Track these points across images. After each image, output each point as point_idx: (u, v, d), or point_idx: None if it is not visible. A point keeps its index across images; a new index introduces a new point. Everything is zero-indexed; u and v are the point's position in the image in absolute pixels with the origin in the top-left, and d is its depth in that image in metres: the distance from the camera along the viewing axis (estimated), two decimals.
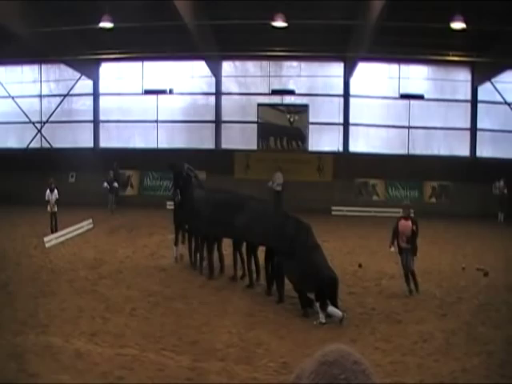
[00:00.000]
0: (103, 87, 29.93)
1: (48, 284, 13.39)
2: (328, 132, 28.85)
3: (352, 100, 28.52)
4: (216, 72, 28.50)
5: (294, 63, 28.68)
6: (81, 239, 19.41)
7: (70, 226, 20.07)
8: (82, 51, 26.43)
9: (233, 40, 26.08)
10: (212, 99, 29.38)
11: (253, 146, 28.95)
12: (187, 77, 29.21)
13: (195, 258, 15.32)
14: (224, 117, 29.32)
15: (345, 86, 28.35)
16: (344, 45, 25.33)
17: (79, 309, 11.45)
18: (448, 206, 27.23)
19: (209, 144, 29.26)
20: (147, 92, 29.20)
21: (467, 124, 28.27)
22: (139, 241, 19.26)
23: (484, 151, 28.21)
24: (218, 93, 29.15)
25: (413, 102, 28.20)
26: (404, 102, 28.29)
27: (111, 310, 11.47)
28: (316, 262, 11.53)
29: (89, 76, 29.30)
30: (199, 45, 25.16)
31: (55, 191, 19.89)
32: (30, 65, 29.84)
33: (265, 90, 28.90)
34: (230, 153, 28.64)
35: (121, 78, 29.73)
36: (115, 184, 26.11)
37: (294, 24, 22.59)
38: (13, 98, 30.33)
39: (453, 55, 25.65)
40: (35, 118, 30.40)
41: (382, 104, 28.43)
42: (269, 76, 28.92)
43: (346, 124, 28.56)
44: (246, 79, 29.26)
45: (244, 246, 14.15)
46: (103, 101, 30.08)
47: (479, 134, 28.22)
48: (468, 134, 28.29)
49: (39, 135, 30.49)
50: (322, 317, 10.97)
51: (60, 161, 27.72)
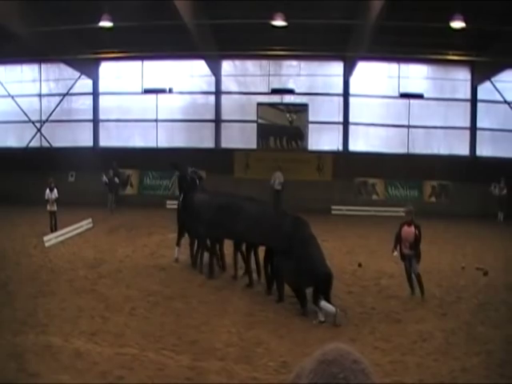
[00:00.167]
0: (103, 86, 29.91)
1: (48, 283, 13.39)
2: (328, 131, 28.83)
3: (352, 99, 28.52)
4: (216, 71, 28.49)
5: (294, 62, 28.66)
6: (80, 239, 19.41)
7: (70, 226, 20.07)
8: (82, 50, 26.42)
9: (232, 39, 26.06)
10: (212, 98, 29.37)
11: (252, 146, 28.94)
12: (187, 76, 29.20)
13: (196, 258, 15.35)
14: (224, 116, 29.31)
15: (344, 86, 28.34)
16: (344, 44, 25.31)
17: (79, 308, 11.46)
18: (448, 206, 27.24)
19: (208, 143, 29.25)
20: (147, 91, 29.16)
21: (467, 123, 28.26)
22: (139, 240, 19.26)
23: (484, 150, 28.20)
24: (218, 92, 29.14)
25: (412, 102, 28.19)
26: (404, 102, 28.27)
27: (111, 310, 11.48)
28: (312, 258, 11.50)
29: (88, 75, 29.28)
30: (199, 44, 25.13)
31: (55, 190, 19.89)
32: (30, 64, 29.80)
33: (264, 90, 28.88)
34: (230, 152, 28.63)
35: (120, 78, 29.70)
36: (116, 179, 26.13)
37: (294, 23, 22.57)
38: (12, 98, 30.31)
39: (452, 54, 25.64)
40: (35, 118, 30.38)
41: (382, 103, 28.42)
42: (268, 75, 28.90)
43: (346, 123, 28.55)
44: (246, 78, 29.24)
45: (244, 246, 14.18)
46: (103, 100, 30.06)
47: (479, 134, 28.21)
48: (468, 134, 28.29)
49: (39, 134, 30.47)
50: (321, 315, 10.97)
51: (60, 160, 27.70)
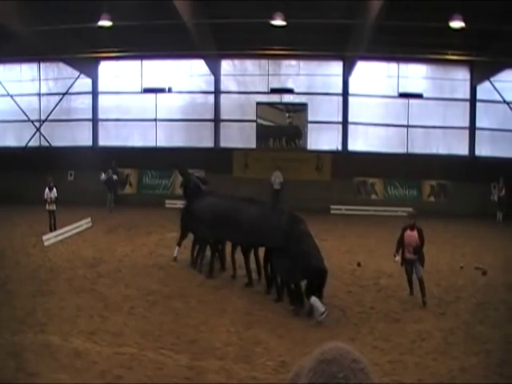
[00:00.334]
0: (102, 86, 29.89)
1: (47, 283, 13.39)
2: (327, 131, 28.81)
3: (351, 99, 28.51)
4: (215, 71, 28.48)
5: (293, 62, 28.65)
6: (79, 238, 19.40)
7: (69, 225, 20.05)
8: (81, 50, 26.38)
9: (232, 39, 26.04)
10: (211, 98, 29.35)
11: (251, 145, 28.93)
12: (186, 75, 29.18)
13: (197, 258, 15.39)
14: (223, 115, 29.30)
15: (344, 85, 28.33)
16: (343, 44, 25.30)
17: (78, 307, 11.45)
18: (447, 205, 27.25)
19: (207, 143, 29.23)
20: (146, 90, 29.15)
21: (466, 123, 28.26)
22: (138, 239, 19.25)
23: (483, 150, 28.21)
24: (217, 91, 29.13)
25: (412, 101, 28.19)
26: (403, 101, 28.27)
27: (110, 309, 11.48)
28: (308, 253, 11.48)
29: (88, 74, 29.26)
30: (198, 43, 25.12)
31: (54, 190, 19.88)
32: (29, 63, 29.78)
33: (264, 89, 28.87)
34: (229, 151, 28.62)
35: (120, 77, 29.68)
36: (114, 177, 26.14)
37: (293, 23, 22.57)
38: (11, 97, 30.29)
39: (452, 54, 25.63)
40: (34, 117, 30.36)
41: (381, 103, 28.42)
42: (268, 75, 28.89)
43: (345, 123, 28.55)
44: (245, 78, 29.22)
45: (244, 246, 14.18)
46: (102, 99, 30.04)
47: (478, 133, 28.22)
48: (467, 133, 28.29)
49: (38, 134, 30.45)
50: (318, 314, 10.96)
51: (59, 159, 27.69)
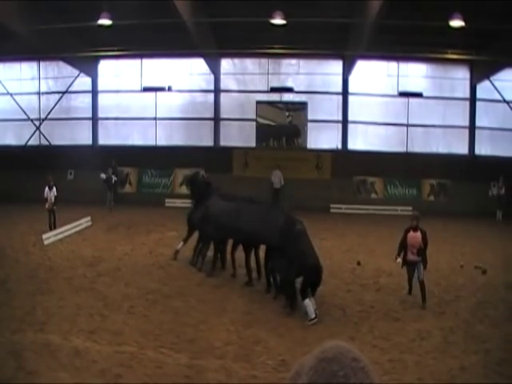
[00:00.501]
0: (102, 84, 29.88)
1: (46, 282, 13.38)
2: (326, 130, 28.82)
3: (351, 98, 28.51)
4: (215, 69, 28.47)
5: (293, 61, 28.65)
6: (79, 237, 19.39)
7: (69, 224, 20.05)
8: (81, 48, 26.38)
9: (231, 37, 26.06)
10: (211, 96, 29.34)
11: (251, 144, 28.94)
12: (186, 74, 29.18)
13: (198, 256, 15.43)
14: (222, 114, 29.29)
15: (343, 84, 28.32)
16: (343, 43, 25.29)
17: (77, 306, 11.45)
18: (446, 204, 27.25)
19: (207, 141, 29.23)
20: (146, 89, 29.15)
21: (466, 122, 28.26)
22: (137, 238, 19.25)
23: (482, 149, 28.22)
24: (217, 90, 29.12)
25: (411, 100, 28.19)
26: (403, 100, 28.27)
27: (109, 308, 11.48)
28: (304, 252, 11.46)
29: (87, 73, 29.25)
30: (198, 42, 25.10)
31: (54, 189, 19.87)
32: (29, 62, 29.77)
33: (263, 88, 28.87)
34: (229, 150, 28.61)
35: (119, 76, 29.68)
36: (113, 177, 26.14)
37: (293, 22, 22.55)
38: (11, 95, 30.29)
39: (451, 53, 25.61)
40: (34, 116, 30.35)
41: (381, 102, 28.42)
42: (267, 73, 28.88)
43: (345, 122, 28.54)
44: (245, 77, 29.22)
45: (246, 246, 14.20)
46: (102, 98, 30.03)
47: (478, 132, 28.22)
48: (466, 132, 28.29)
49: (38, 132, 30.44)
50: (311, 312, 10.96)
51: (58, 158, 27.68)
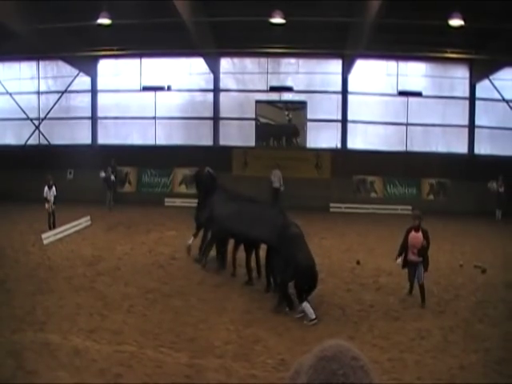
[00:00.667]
0: (101, 84, 29.86)
1: (46, 281, 13.38)
2: (326, 129, 28.81)
3: (350, 97, 28.50)
4: (214, 69, 28.45)
5: (292, 60, 28.64)
6: (79, 236, 19.38)
7: (68, 223, 20.04)
8: (80, 48, 26.38)
9: (231, 37, 26.04)
10: (210, 96, 29.33)
11: (251, 143, 28.93)
12: (185, 73, 29.16)
13: (204, 254, 15.54)
14: (222, 114, 29.28)
15: (343, 83, 28.32)
16: (342, 42, 25.28)
17: (77, 306, 11.45)
18: (446, 204, 27.25)
19: (207, 141, 29.21)
20: (145, 89, 29.14)
21: (465, 121, 28.27)
22: (137, 238, 19.24)
23: (482, 148, 28.22)
24: (216, 90, 29.10)
25: (411, 99, 28.19)
26: (402, 99, 28.27)
27: (109, 307, 11.48)
28: (299, 256, 11.44)
29: (87, 73, 29.23)
30: (197, 42, 25.08)
31: (53, 188, 19.89)
32: (28, 61, 29.74)
33: (263, 87, 28.86)
34: (228, 150, 28.59)
35: (119, 75, 29.65)
36: (112, 177, 26.14)
37: (292, 21, 22.53)
38: (11, 95, 30.27)
39: (451, 52, 25.61)
40: (33, 115, 30.34)
41: (380, 101, 28.41)
42: (267, 73, 28.87)
43: (344, 121, 28.54)
44: (244, 76, 29.21)
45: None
46: (101, 97, 30.01)
47: (477, 132, 28.22)
48: (466, 132, 28.29)
49: (37, 132, 30.43)
50: (300, 310, 10.95)
51: (58, 158, 27.69)
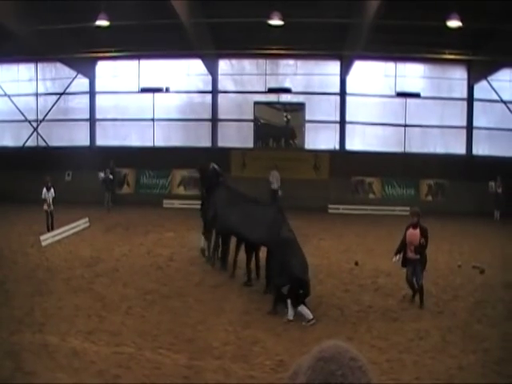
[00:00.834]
0: (99, 85, 29.87)
1: (44, 282, 13.38)
2: (324, 130, 28.84)
3: (348, 98, 28.53)
4: (212, 70, 28.46)
5: (291, 61, 28.67)
6: (77, 237, 19.38)
7: (67, 225, 20.03)
8: (79, 49, 26.36)
9: (229, 38, 26.05)
10: (208, 97, 29.34)
11: (249, 144, 28.94)
12: (183, 75, 29.17)
13: (213, 253, 15.66)
14: (220, 115, 29.29)
15: (341, 84, 28.34)
16: (340, 43, 25.31)
17: (75, 307, 11.44)
18: (444, 204, 27.27)
19: (205, 142, 29.22)
20: (143, 90, 29.13)
21: (463, 122, 28.30)
22: (135, 239, 19.24)
23: (480, 149, 28.26)
24: (215, 91, 29.11)
25: (409, 100, 28.22)
26: (400, 100, 28.29)
27: (107, 309, 11.47)
28: (291, 262, 11.41)
29: (85, 74, 29.22)
30: (195, 43, 25.10)
31: (52, 189, 19.88)
32: (26, 63, 29.74)
33: (261, 88, 28.87)
34: (227, 151, 28.58)
35: (117, 77, 29.66)
36: (110, 176, 26.15)
37: (291, 22, 22.56)
38: (9, 97, 30.25)
39: (449, 53, 25.65)
40: (31, 117, 30.33)
41: (379, 102, 28.44)
42: (265, 74, 28.89)
43: (343, 122, 28.57)
44: (243, 77, 29.22)
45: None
46: (99, 99, 30.01)
47: (475, 132, 28.27)
48: (464, 132, 28.34)
49: (35, 134, 30.41)
50: (291, 314, 10.97)
51: (56, 159, 27.69)
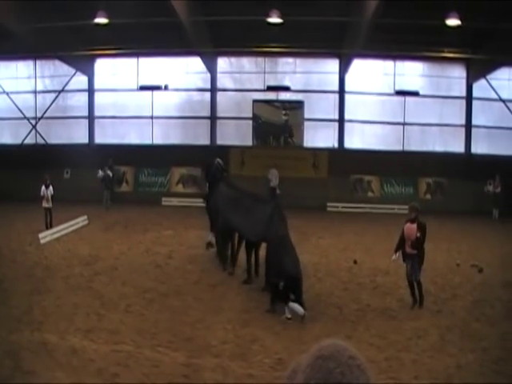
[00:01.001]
0: (98, 83, 29.86)
1: (43, 281, 13.36)
2: (323, 128, 28.85)
3: (347, 96, 28.54)
4: (211, 68, 28.45)
5: (290, 59, 28.67)
6: (76, 236, 19.37)
7: (65, 223, 20.03)
8: (77, 47, 26.35)
9: (228, 36, 26.04)
10: (207, 95, 29.34)
11: (248, 143, 28.95)
12: (182, 73, 29.17)
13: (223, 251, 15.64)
14: (219, 113, 29.29)
15: (340, 83, 28.35)
16: (339, 41, 25.33)
17: (74, 305, 11.44)
18: (443, 203, 27.29)
19: (204, 140, 29.23)
20: (142, 88, 29.13)
21: (462, 121, 28.33)
22: (134, 237, 19.23)
23: (479, 148, 28.28)
24: (213, 89, 29.11)
25: (408, 99, 28.24)
26: (399, 99, 28.31)
27: (106, 307, 11.46)
28: (282, 259, 11.44)
29: (84, 72, 29.21)
30: (194, 41, 25.10)
31: (50, 187, 19.87)
32: (25, 61, 29.74)
33: (260, 87, 28.87)
34: (226, 149, 28.54)
35: (116, 74, 29.66)
36: (110, 175, 26.14)
37: (290, 20, 22.56)
38: (7, 94, 30.23)
39: (448, 52, 25.68)
40: (30, 114, 30.31)
41: (378, 100, 28.45)
42: (264, 72, 28.90)
43: (342, 120, 28.58)
44: (242, 75, 29.22)
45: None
46: (98, 97, 30.00)
47: (474, 131, 28.29)
48: (463, 131, 28.36)
49: (34, 131, 30.40)
50: (288, 312, 10.96)
51: (55, 157, 27.66)
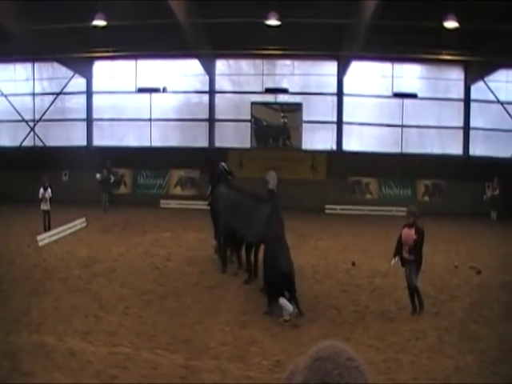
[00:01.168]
0: (96, 85, 29.83)
1: (41, 282, 13.36)
2: (321, 130, 28.85)
3: (345, 99, 28.55)
4: (209, 70, 28.46)
5: (288, 62, 28.66)
6: (74, 238, 19.35)
7: (64, 225, 20.00)
8: (76, 49, 26.34)
9: (226, 38, 26.06)
10: (205, 97, 29.34)
11: (246, 145, 28.95)
12: (181, 75, 29.16)
13: (230, 252, 15.65)
14: (217, 115, 29.29)
15: (338, 85, 28.36)
16: (338, 43, 25.34)
17: (72, 307, 11.43)
18: (441, 205, 27.29)
19: (202, 142, 29.22)
20: (141, 90, 29.11)
21: (460, 123, 28.35)
22: (133, 239, 19.22)
23: (477, 150, 28.30)
24: (212, 91, 29.11)
25: (406, 101, 28.25)
26: (397, 101, 28.33)
27: (104, 309, 11.46)
28: (274, 257, 11.48)
29: (82, 74, 29.19)
30: (193, 43, 25.10)
31: (48, 189, 19.84)
32: (23, 63, 29.68)
33: (258, 89, 28.88)
34: (224, 151, 28.54)
35: (114, 77, 29.62)
36: (111, 178, 26.13)
37: (288, 22, 22.57)
38: (5, 96, 30.19)
39: (446, 54, 25.70)
40: (28, 117, 30.27)
41: (376, 103, 28.46)
42: (262, 74, 28.90)
43: (340, 122, 28.59)
44: (240, 77, 29.23)
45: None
46: (96, 99, 29.98)
47: (472, 133, 28.31)
48: (461, 133, 28.38)
49: (32, 133, 30.37)
50: (286, 314, 10.95)
51: (53, 159, 27.61)
